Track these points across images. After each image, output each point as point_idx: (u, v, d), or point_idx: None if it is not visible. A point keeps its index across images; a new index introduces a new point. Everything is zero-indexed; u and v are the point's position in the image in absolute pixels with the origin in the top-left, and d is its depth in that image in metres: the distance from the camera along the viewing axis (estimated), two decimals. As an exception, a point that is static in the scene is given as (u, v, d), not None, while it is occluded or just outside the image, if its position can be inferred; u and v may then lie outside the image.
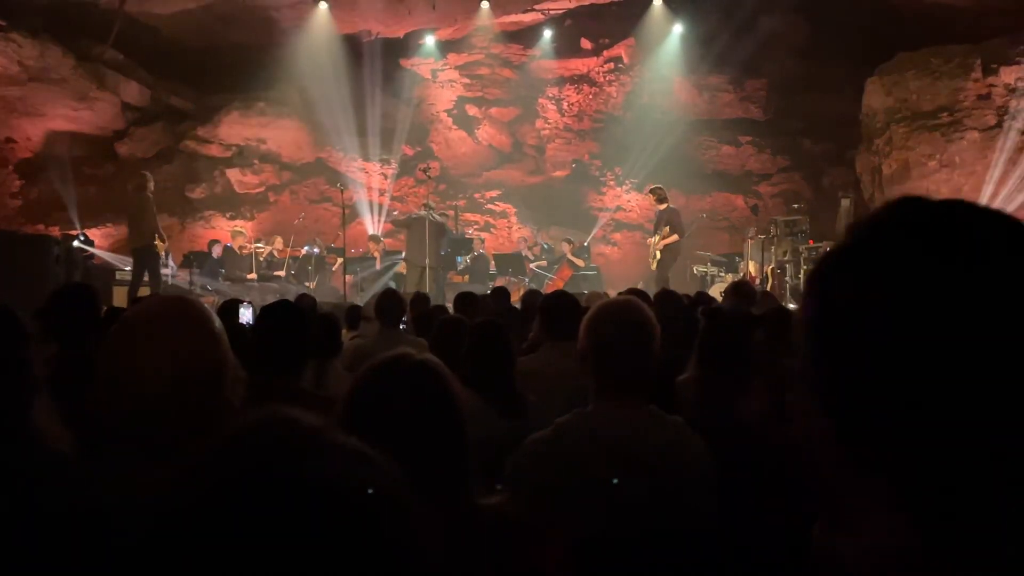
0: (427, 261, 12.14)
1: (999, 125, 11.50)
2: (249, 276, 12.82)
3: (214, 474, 0.58)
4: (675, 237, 11.45)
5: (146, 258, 10.62)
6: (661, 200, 11.75)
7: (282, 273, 13.46)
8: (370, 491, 0.59)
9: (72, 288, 3.73)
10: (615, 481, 1.98)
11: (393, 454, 0.65)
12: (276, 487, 0.56)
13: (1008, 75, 11.60)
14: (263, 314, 2.90)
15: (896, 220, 0.68)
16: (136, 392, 1.44)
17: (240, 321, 4.78)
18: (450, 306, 6.62)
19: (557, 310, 3.88)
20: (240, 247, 13.12)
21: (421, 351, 1.60)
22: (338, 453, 0.61)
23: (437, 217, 12.61)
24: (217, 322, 1.55)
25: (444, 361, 1.58)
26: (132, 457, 1.42)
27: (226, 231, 14.27)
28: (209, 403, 1.47)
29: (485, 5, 14.32)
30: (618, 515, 1.98)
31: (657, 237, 11.62)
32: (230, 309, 4.90)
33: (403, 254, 13.25)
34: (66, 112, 14.02)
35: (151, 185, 11.18)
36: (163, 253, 11.06)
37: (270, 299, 10.14)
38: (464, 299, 5.91)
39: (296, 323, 2.80)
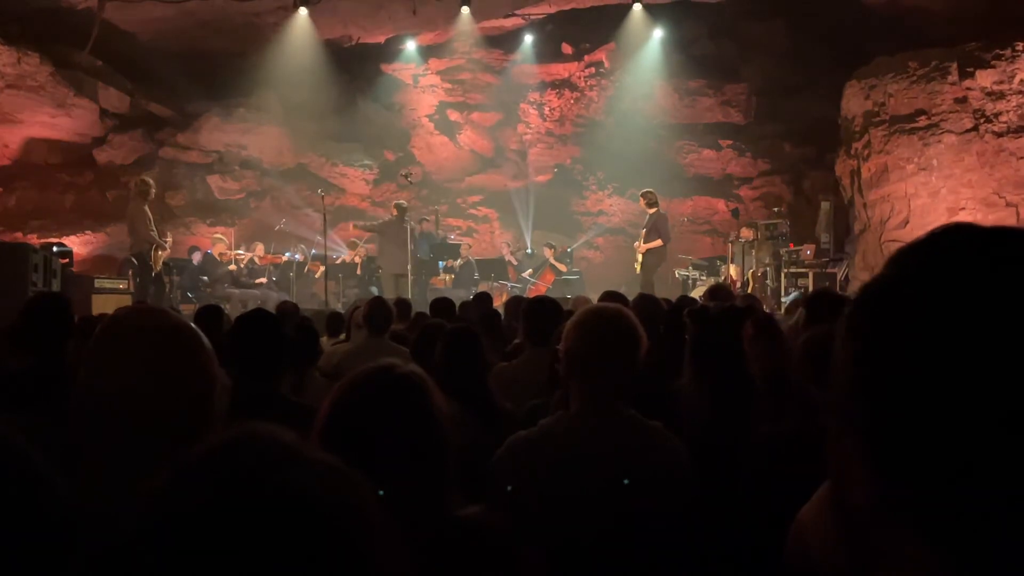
0: (398, 269, 12.07)
1: (976, 128, 11.63)
2: (229, 284, 12.76)
3: (191, 489, 0.59)
4: (659, 242, 11.51)
5: (139, 266, 10.74)
6: (651, 204, 11.81)
7: (264, 280, 13.40)
8: (341, 503, 0.60)
9: (43, 298, 3.69)
10: (626, 481, 1.99)
11: (373, 466, 0.66)
12: (251, 502, 0.57)
13: (984, 79, 11.72)
14: (239, 323, 2.90)
15: (951, 248, 0.63)
16: (116, 405, 1.43)
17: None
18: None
19: (539, 315, 3.89)
20: (221, 254, 13.05)
21: (405, 361, 1.60)
22: (313, 469, 0.62)
23: (411, 223, 12.50)
24: (203, 337, 1.54)
25: (424, 366, 1.58)
26: (113, 468, 1.41)
27: (207, 238, 14.18)
28: (192, 416, 1.46)
29: (466, 10, 14.31)
30: (597, 520, 1.98)
31: (641, 240, 11.69)
32: (207, 316, 4.86)
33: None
34: (44, 119, 13.90)
35: (152, 192, 11.22)
36: (160, 263, 11.06)
37: (251, 306, 10.11)
38: (441, 304, 5.91)
39: (272, 331, 2.80)
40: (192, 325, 1.57)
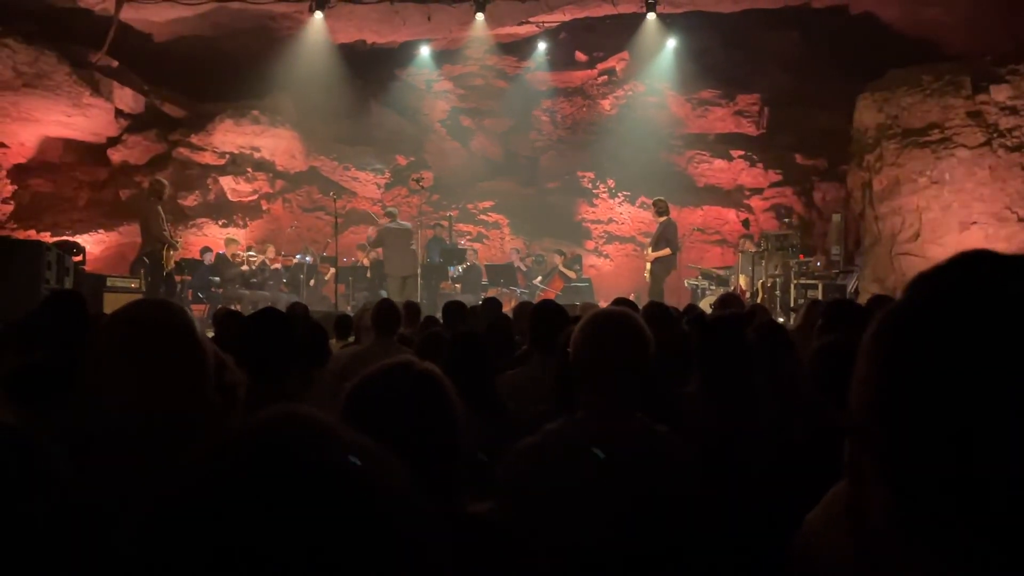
0: (402, 271, 12.12)
1: (988, 143, 11.59)
2: (240, 285, 12.82)
3: (231, 462, 0.62)
4: (667, 251, 11.51)
5: (150, 265, 10.83)
6: (661, 212, 11.84)
7: (279, 266, 13.46)
8: (377, 479, 0.64)
9: (61, 295, 3.73)
10: (600, 455, 1.99)
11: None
12: (289, 476, 0.60)
13: (998, 94, 11.69)
14: (249, 321, 2.92)
15: (978, 277, 0.64)
16: (118, 397, 1.45)
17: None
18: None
19: (543, 319, 3.89)
20: (232, 255, 13.12)
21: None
22: (350, 447, 0.64)
23: (403, 224, 12.55)
24: (198, 326, 1.56)
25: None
26: (117, 460, 1.42)
27: (219, 239, 14.25)
28: (191, 407, 1.48)
29: (480, 17, 14.36)
30: (602, 524, 1.99)
31: (649, 249, 11.71)
32: (225, 317, 4.90)
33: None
34: (59, 118, 14.00)
35: (165, 192, 11.36)
36: (171, 262, 11.18)
37: (262, 307, 10.14)
38: (452, 308, 5.94)
39: (280, 330, 2.81)
40: (189, 316, 1.58)
